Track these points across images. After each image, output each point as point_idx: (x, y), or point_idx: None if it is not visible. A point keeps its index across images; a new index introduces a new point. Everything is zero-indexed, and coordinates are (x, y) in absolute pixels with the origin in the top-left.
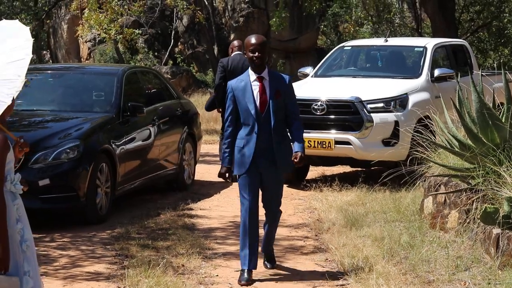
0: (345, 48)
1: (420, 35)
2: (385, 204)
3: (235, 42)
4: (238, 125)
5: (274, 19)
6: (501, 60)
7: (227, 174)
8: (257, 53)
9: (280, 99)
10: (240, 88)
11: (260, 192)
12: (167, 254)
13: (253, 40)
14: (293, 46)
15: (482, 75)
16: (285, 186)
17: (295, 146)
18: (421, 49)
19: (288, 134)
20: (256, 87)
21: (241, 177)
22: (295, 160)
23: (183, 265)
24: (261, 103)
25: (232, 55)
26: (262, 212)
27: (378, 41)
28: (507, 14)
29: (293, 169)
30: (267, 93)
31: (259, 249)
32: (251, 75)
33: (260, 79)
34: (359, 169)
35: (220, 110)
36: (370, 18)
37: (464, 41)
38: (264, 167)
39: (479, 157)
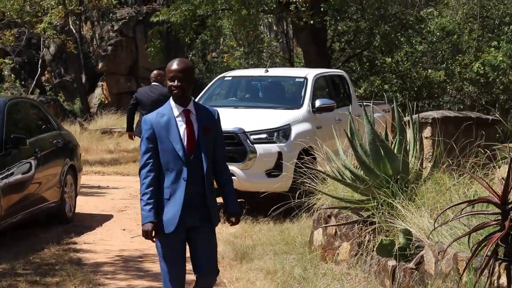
0: (226, 78)
1: (292, 65)
2: (272, 236)
3: (153, 72)
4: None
5: (150, 49)
6: (373, 90)
7: (153, 232)
8: (176, 82)
9: (210, 137)
10: (162, 124)
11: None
12: None
13: (173, 65)
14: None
15: (367, 105)
16: None
17: (230, 203)
18: (302, 79)
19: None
20: (181, 123)
21: (164, 239)
22: (232, 221)
23: None
24: (189, 143)
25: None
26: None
27: (259, 72)
28: (378, 43)
29: None
30: (195, 131)
31: None
32: (174, 108)
33: (186, 113)
34: (243, 200)
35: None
36: (241, 47)
37: (342, 71)
38: (195, 223)
39: (373, 189)
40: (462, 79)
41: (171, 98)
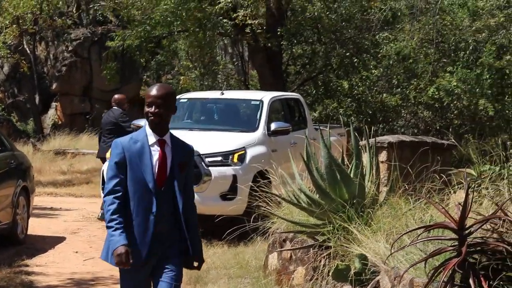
0: (181, 100)
1: (247, 88)
2: (226, 260)
3: (114, 96)
4: (128, 199)
5: (105, 71)
6: (328, 113)
7: (128, 255)
8: (153, 108)
9: (184, 174)
10: (134, 151)
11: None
12: None
13: (152, 91)
14: None
15: (323, 129)
16: None
17: (194, 246)
18: (258, 102)
19: None
20: (155, 152)
21: (127, 271)
22: (196, 265)
23: None
24: (160, 176)
25: None
26: None
27: (214, 94)
28: (335, 66)
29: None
30: (167, 165)
31: None
32: (150, 135)
33: (161, 143)
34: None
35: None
36: (196, 68)
37: (298, 94)
38: (162, 259)
39: (329, 213)
40: (416, 104)
41: (146, 124)
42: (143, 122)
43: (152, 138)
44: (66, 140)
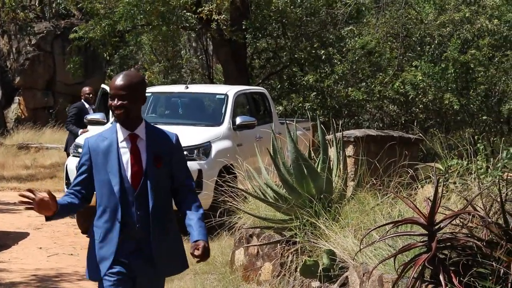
0: (146, 94)
1: (212, 82)
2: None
3: (84, 89)
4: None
5: (70, 66)
6: (293, 107)
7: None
8: (116, 100)
9: (163, 169)
10: (101, 150)
11: None
12: None
13: (115, 81)
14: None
15: (289, 123)
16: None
17: (194, 233)
18: (223, 96)
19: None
20: (125, 150)
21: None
22: (197, 253)
23: None
24: (134, 176)
25: None
26: None
27: (179, 88)
28: (301, 60)
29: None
30: (142, 160)
31: None
32: (119, 131)
33: (132, 138)
34: None
35: None
36: (160, 62)
37: (264, 89)
38: (140, 270)
39: (296, 209)
40: (382, 98)
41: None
42: (99, 115)
43: (121, 134)
44: (30, 134)
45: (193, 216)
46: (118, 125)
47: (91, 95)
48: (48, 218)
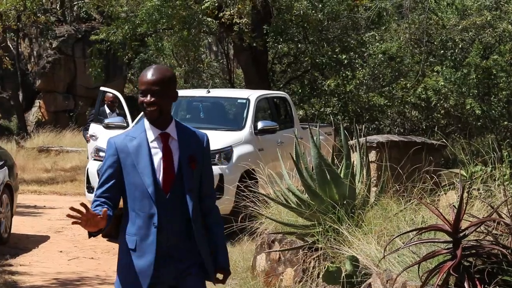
0: None
1: (233, 86)
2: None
3: (107, 94)
4: (126, 209)
5: (91, 69)
6: (315, 113)
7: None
8: (149, 97)
9: (197, 171)
10: (130, 150)
11: None
12: None
13: (146, 75)
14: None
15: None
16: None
17: (222, 258)
18: (244, 101)
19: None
20: (157, 150)
21: None
22: (219, 278)
23: None
24: (166, 178)
25: None
26: None
27: (201, 92)
28: (322, 65)
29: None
30: (174, 161)
31: None
32: (149, 130)
33: (164, 138)
34: None
35: None
36: (181, 66)
37: (285, 93)
38: (174, 282)
39: (318, 214)
40: (403, 103)
41: (145, 117)
42: (117, 119)
43: (151, 133)
44: (50, 137)
45: (218, 235)
46: (146, 123)
47: (114, 101)
48: (91, 235)
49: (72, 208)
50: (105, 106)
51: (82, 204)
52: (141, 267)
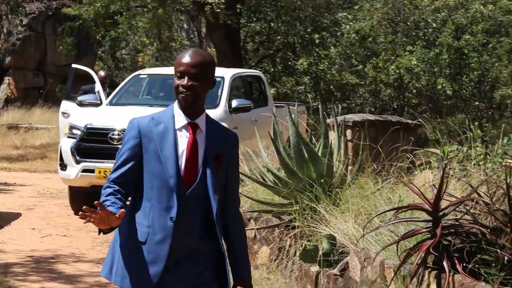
0: (141, 76)
1: None
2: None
3: (100, 72)
4: (138, 196)
5: (62, 47)
6: (287, 91)
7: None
8: (187, 80)
9: (222, 172)
10: (155, 134)
11: None
12: None
13: (185, 57)
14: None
15: (290, 106)
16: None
17: (242, 267)
18: (219, 79)
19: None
20: (183, 140)
21: None
22: None
23: None
24: (188, 171)
25: None
26: None
27: None
28: (294, 44)
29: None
30: (199, 156)
31: None
32: (178, 117)
33: (192, 127)
34: None
35: None
36: (153, 45)
37: (260, 72)
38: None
39: (296, 193)
40: (376, 82)
41: (175, 102)
42: (90, 97)
43: (180, 120)
44: (19, 114)
45: (241, 245)
46: (175, 109)
47: (106, 79)
48: (102, 231)
49: (86, 209)
50: (96, 84)
51: (98, 203)
52: (151, 260)
